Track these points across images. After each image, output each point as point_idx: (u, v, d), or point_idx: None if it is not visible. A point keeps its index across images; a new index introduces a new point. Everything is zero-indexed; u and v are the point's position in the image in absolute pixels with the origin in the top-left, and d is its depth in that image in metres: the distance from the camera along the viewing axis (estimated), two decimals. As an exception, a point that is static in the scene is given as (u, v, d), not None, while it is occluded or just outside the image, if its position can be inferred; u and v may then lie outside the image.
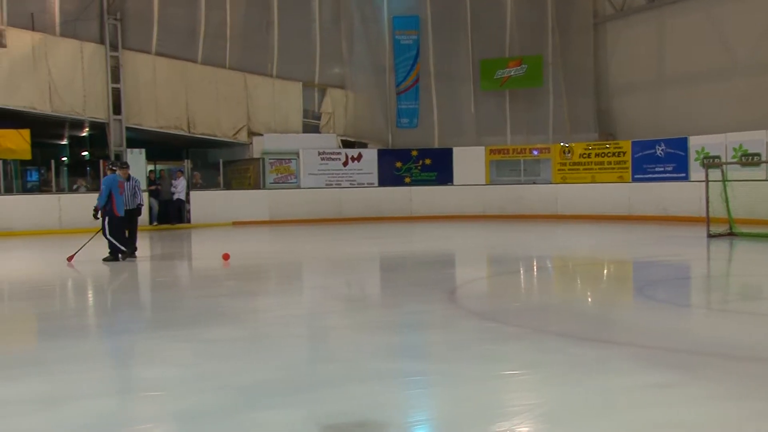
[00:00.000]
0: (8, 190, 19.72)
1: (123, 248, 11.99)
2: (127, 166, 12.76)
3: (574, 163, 22.12)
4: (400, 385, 4.75)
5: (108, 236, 11.91)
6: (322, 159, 23.00)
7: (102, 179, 12.62)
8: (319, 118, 24.29)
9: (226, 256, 12.02)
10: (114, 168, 12.58)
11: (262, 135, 22.96)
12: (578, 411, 4.08)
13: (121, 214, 12.00)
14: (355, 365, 5.17)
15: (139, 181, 12.82)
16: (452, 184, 23.31)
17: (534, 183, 22.80)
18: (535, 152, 22.92)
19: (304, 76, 23.84)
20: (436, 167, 23.48)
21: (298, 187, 22.79)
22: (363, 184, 23.25)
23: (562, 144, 22.53)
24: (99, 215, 11.80)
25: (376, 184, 23.32)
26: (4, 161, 19.31)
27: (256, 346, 5.97)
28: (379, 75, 24.44)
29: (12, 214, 18.54)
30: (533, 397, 4.43)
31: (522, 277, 10.62)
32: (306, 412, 4.09)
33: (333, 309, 7.84)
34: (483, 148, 23.31)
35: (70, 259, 11.98)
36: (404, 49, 23.94)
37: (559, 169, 22.46)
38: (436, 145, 24.11)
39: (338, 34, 24.26)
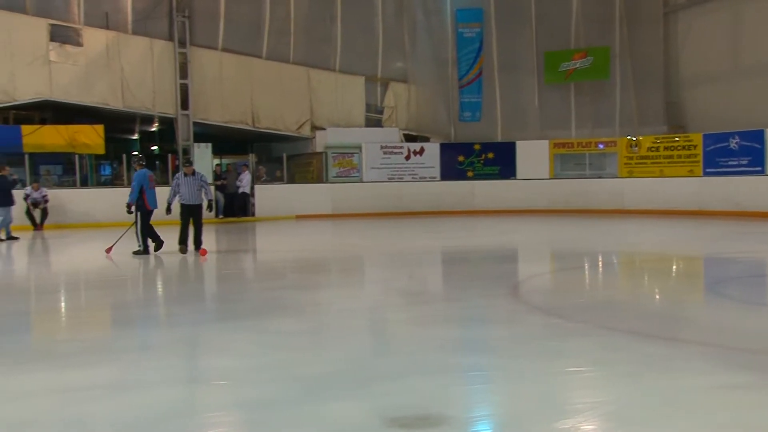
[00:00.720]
0: (84, 184, 20.45)
1: (150, 245, 12.17)
2: (191, 163, 12.72)
3: (642, 157, 21.57)
4: (463, 379, 4.73)
5: (138, 230, 12.17)
6: (385, 153, 23.06)
7: (134, 174, 12.80)
8: (381, 112, 24.35)
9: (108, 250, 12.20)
10: (142, 163, 12.77)
11: (325, 129, 23.17)
12: (643, 410, 3.98)
13: (153, 207, 12.24)
14: (417, 359, 5.17)
15: (205, 176, 12.69)
16: (515, 178, 23.05)
17: (599, 177, 22.34)
18: (601, 146, 22.45)
19: (366, 71, 23.94)
20: (499, 161, 23.25)
21: (361, 181, 22.91)
22: (425, 178, 23.22)
23: (629, 137, 21.99)
24: (132, 210, 11.97)
25: (438, 178, 23.26)
26: (80, 156, 20.02)
27: (318, 338, 6.03)
28: (442, 68, 24.33)
29: (88, 207, 19.20)
30: (598, 395, 4.34)
31: (587, 272, 10.43)
32: (368, 404, 4.12)
33: (394, 302, 7.86)
34: (547, 141, 22.97)
35: (108, 250, 12.32)
36: (467, 42, 23.75)
37: (625, 163, 21.94)
38: (499, 139, 23.88)
39: (401, 28, 24.25)
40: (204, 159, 20.82)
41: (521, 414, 4.00)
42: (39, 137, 19.41)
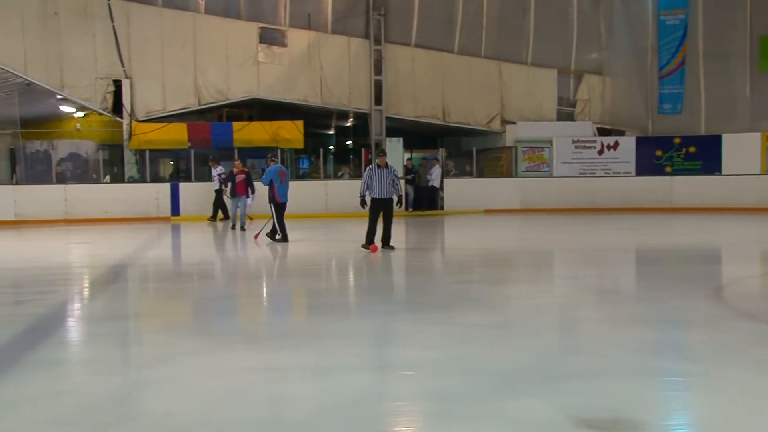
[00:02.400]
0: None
1: (282, 233, 13.15)
2: (384, 154, 12.29)
3: None
4: (658, 384, 4.49)
5: (274, 221, 13.18)
6: (576, 147, 22.35)
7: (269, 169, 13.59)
8: (574, 105, 23.65)
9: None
10: (275, 159, 13.79)
11: (515, 123, 22.90)
12: None
13: (282, 200, 13.18)
14: (609, 359, 4.97)
15: (396, 170, 12.18)
16: (720, 174, 21.38)
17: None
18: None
19: (559, 63, 23.33)
20: (702, 155, 21.71)
21: (551, 176, 22.39)
22: (619, 173, 22.21)
23: None
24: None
25: (633, 174, 22.16)
26: (282, 150, 21.37)
27: (506, 332, 5.99)
28: (640, 58, 23.12)
29: (289, 200, 20.34)
30: (817, 414, 3.93)
31: (805, 279, 9.45)
32: (556, 403, 4.03)
33: (585, 300, 7.61)
34: (759, 134, 21.07)
35: (256, 237, 13.53)
36: (669, 30, 22.32)
37: None
38: (702, 132, 22.27)
39: (596, 18, 23.36)
40: (395, 153, 21.38)
41: (723, 426, 3.73)
42: (247, 133, 20.98)
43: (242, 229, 15.78)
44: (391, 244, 11.76)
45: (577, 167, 22.34)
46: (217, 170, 19.17)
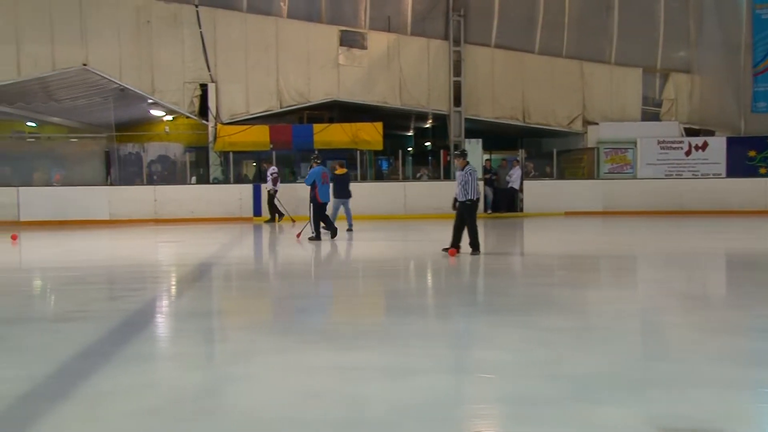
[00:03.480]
0: (363, 178, 22.01)
1: (315, 233, 13.85)
2: (459, 156, 11.75)
3: None
4: (750, 395, 4.32)
5: (311, 220, 13.96)
6: (662, 148, 21.67)
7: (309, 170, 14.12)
8: (659, 105, 22.95)
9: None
10: (318, 161, 14.35)
11: (597, 124, 22.42)
12: None
13: (324, 200, 13.89)
14: (695, 367, 4.82)
15: (471, 171, 11.38)
16: (820, 176, 20.34)
17: None
18: None
19: (644, 61, 22.69)
20: (799, 156, 20.72)
21: (634, 178, 21.80)
22: (708, 174, 21.41)
23: None
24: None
25: (724, 175, 21.32)
26: (361, 152, 21.58)
27: (586, 337, 5.88)
28: (732, 55, 22.21)
29: (368, 201, 20.61)
30: None
31: None
32: (639, 411, 3.93)
33: (670, 305, 7.37)
34: None
35: (298, 236, 14.30)
36: (765, 25, 21.40)
37: None
38: (800, 131, 21.23)
39: (685, 14, 22.61)
40: (474, 154, 21.24)
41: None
42: (327, 135, 21.29)
43: (349, 229, 15.85)
44: (468, 246, 11.39)
45: (663, 168, 21.66)
46: (270, 170, 19.37)
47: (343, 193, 15.76)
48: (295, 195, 19.54)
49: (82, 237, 16.44)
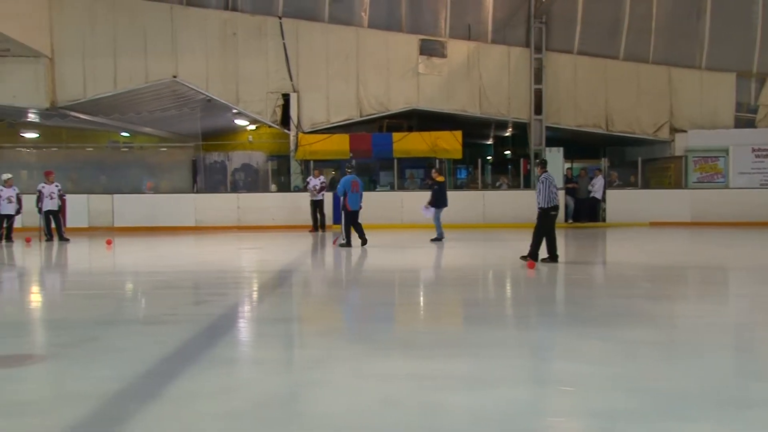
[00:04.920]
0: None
1: (346, 239, 14.31)
2: (540, 164, 11.80)
3: None
4: None
5: (343, 227, 14.51)
6: (757, 156, 20.80)
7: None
8: (755, 111, 21.98)
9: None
10: (349, 170, 14.91)
11: (685, 131, 21.70)
12: None
13: (354, 208, 14.32)
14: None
15: (545, 179, 11.22)
16: None
17: None
18: None
19: (737, 66, 21.83)
20: None
21: (726, 187, 20.95)
22: (807, 184, 20.38)
23: None
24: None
25: (824, 185, 20.24)
26: (440, 160, 21.55)
27: (672, 351, 5.68)
28: (839, 57, 21.10)
29: (446, 210, 20.45)
30: None
31: None
32: (730, 430, 3.77)
33: (765, 320, 7.04)
34: None
35: (334, 242, 14.93)
36: None
37: None
38: None
39: (785, 15, 21.61)
40: (555, 163, 20.90)
41: None
42: (406, 143, 21.37)
43: (440, 238, 15.64)
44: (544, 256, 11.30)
45: (758, 178, 20.75)
46: (319, 179, 19.20)
47: (444, 202, 15.66)
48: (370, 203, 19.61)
49: (169, 243, 17.06)
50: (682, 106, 21.97)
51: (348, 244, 14.41)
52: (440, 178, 15.84)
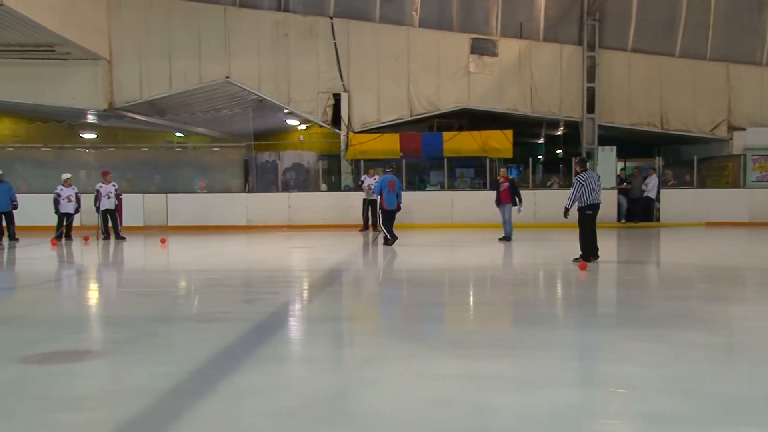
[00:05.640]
0: (492, 186, 21.78)
1: (390, 236, 14.57)
2: (579, 163, 11.76)
3: None
4: None
5: (381, 225, 14.90)
6: (820, 154, 20.09)
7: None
8: (819, 107, 21.29)
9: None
10: (388, 170, 15.34)
11: (744, 129, 21.11)
12: None
13: (390, 207, 14.65)
14: None
15: (582, 177, 11.20)
16: None
17: None
18: None
19: (801, 61, 21.16)
20: None
21: (787, 187, 20.32)
22: None
23: None
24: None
25: None
26: (490, 159, 21.42)
27: (729, 355, 5.55)
28: None
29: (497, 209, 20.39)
30: None
31: None
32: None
33: (827, 327, 6.81)
34: None
35: (373, 242, 15.40)
36: None
37: None
38: None
39: None
40: (608, 162, 20.59)
41: None
42: (456, 143, 21.29)
43: (507, 239, 15.69)
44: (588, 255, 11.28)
45: (820, 177, 20.07)
46: (374, 178, 18.93)
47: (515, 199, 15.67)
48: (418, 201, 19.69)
49: (221, 241, 17.35)
50: (740, 103, 21.39)
51: (390, 242, 14.61)
52: (507, 177, 15.89)
